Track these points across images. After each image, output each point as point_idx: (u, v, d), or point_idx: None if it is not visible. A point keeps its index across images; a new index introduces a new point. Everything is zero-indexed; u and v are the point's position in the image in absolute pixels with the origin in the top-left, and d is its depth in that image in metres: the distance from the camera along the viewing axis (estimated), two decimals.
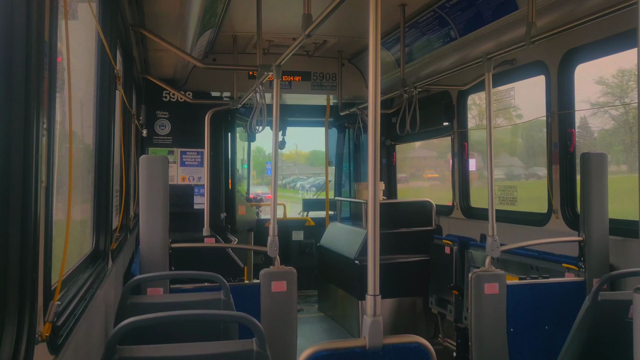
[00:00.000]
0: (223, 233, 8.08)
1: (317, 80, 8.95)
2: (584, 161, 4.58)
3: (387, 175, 9.71)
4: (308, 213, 10.84)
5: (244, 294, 4.43)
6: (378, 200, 2.51)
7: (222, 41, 7.73)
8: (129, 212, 5.76)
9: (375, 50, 2.48)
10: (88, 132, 3.60)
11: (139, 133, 7.56)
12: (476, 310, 4.35)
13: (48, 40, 1.75)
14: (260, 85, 5.94)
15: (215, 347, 2.46)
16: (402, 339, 2.50)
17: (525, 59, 5.84)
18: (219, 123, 8.56)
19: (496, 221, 4.44)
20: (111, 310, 3.64)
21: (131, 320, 2.37)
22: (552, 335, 4.53)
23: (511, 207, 6.52)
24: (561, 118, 5.39)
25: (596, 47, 4.96)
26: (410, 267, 7.08)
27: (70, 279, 2.57)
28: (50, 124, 1.78)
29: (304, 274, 9.68)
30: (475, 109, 7.61)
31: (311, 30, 3.87)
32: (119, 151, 4.72)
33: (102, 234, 3.55)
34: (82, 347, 2.47)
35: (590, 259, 4.53)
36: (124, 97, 4.76)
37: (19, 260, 1.53)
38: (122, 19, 4.41)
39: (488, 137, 4.58)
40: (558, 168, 5.45)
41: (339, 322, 7.81)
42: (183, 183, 8.24)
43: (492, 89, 4.71)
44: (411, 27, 6.95)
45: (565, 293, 4.57)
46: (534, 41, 4.19)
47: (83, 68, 3.39)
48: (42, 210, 1.70)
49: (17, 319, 1.51)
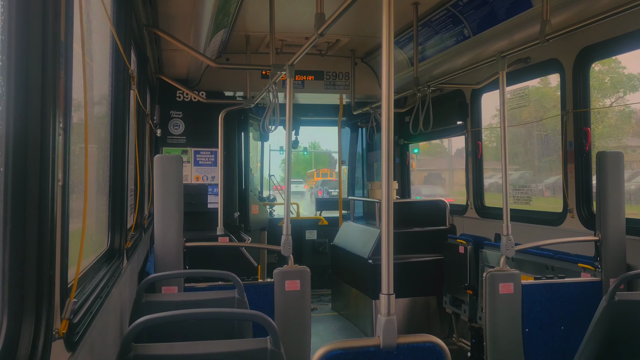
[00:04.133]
0: (237, 232, 8.11)
1: (330, 80, 8.95)
2: (599, 160, 4.53)
3: (401, 175, 9.69)
4: (321, 212, 10.85)
5: (258, 292, 4.45)
6: (392, 200, 2.50)
7: (235, 41, 7.75)
8: (143, 211, 5.80)
9: (388, 49, 2.48)
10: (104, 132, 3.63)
11: (153, 133, 7.61)
12: (491, 310, 4.32)
13: (64, 40, 1.76)
14: (273, 85, 5.95)
15: (229, 345, 2.46)
16: (417, 338, 2.49)
17: (539, 57, 5.79)
18: (232, 123, 8.60)
19: (511, 221, 4.41)
20: (126, 308, 3.66)
21: (146, 318, 2.38)
22: (568, 335, 4.49)
23: (526, 207, 6.47)
24: (576, 116, 5.34)
25: (613, 44, 4.90)
26: (424, 267, 7.05)
27: (86, 277, 2.59)
28: (67, 123, 1.80)
29: (318, 273, 9.73)
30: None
31: (324, 29, 3.87)
32: (134, 151, 4.76)
33: (117, 232, 3.58)
34: (98, 345, 2.49)
35: (606, 258, 4.48)
36: (139, 97, 4.79)
37: (36, 258, 1.55)
38: (136, 20, 4.44)
39: (502, 136, 4.55)
40: (573, 167, 5.39)
41: (353, 321, 7.80)
42: (197, 182, 8.28)
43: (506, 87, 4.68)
44: (424, 25, 6.92)
45: (581, 293, 4.52)
46: (549, 39, 4.15)
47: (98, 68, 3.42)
48: (59, 209, 1.72)
49: (34, 315, 1.53)
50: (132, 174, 4.75)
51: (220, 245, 6.33)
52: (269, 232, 9.56)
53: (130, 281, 4.14)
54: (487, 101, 7.29)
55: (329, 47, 8.42)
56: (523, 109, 6.56)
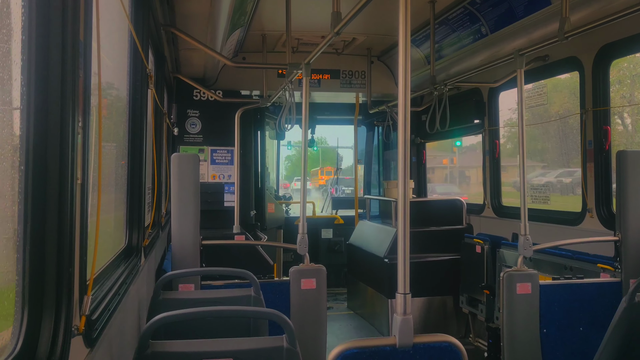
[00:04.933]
0: (253, 230, 8.14)
1: (346, 78, 8.94)
2: (620, 159, 4.46)
3: (417, 174, 9.65)
4: (337, 211, 10.84)
5: (274, 291, 4.46)
6: (408, 198, 2.49)
7: (252, 40, 7.77)
8: (160, 209, 5.84)
9: (405, 47, 2.47)
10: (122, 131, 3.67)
11: (170, 131, 7.67)
12: (508, 311, 4.29)
13: (83, 40, 1.78)
14: (290, 84, 5.96)
15: (245, 343, 2.48)
16: (433, 338, 2.48)
17: (558, 55, 5.73)
18: (248, 121, 8.63)
19: (528, 220, 4.37)
20: (144, 306, 3.70)
21: (163, 315, 2.41)
22: (587, 337, 4.44)
23: (544, 206, 6.41)
24: (595, 115, 5.28)
25: (633, 41, 4.83)
26: (441, 266, 7.02)
27: (104, 274, 2.62)
28: (85, 122, 1.82)
29: (333, 272, 9.74)
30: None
31: (340, 28, 3.87)
32: (151, 149, 4.80)
33: (135, 230, 3.61)
34: (116, 341, 2.52)
35: (626, 259, 4.42)
36: (156, 96, 4.83)
37: (56, 255, 1.57)
38: (154, 19, 4.48)
39: (520, 135, 4.51)
40: (592, 166, 5.33)
41: (368, 320, 7.79)
42: (213, 181, 8.33)
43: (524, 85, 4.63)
44: (441, 23, 6.88)
45: (600, 294, 4.46)
46: (568, 37, 4.10)
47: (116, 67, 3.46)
48: (78, 207, 1.74)
49: (54, 312, 1.55)
50: (150, 173, 4.79)
51: (236, 243, 6.36)
52: (285, 231, 9.58)
53: (147, 278, 4.18)
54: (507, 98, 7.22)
55: (345, 46, 8.41)
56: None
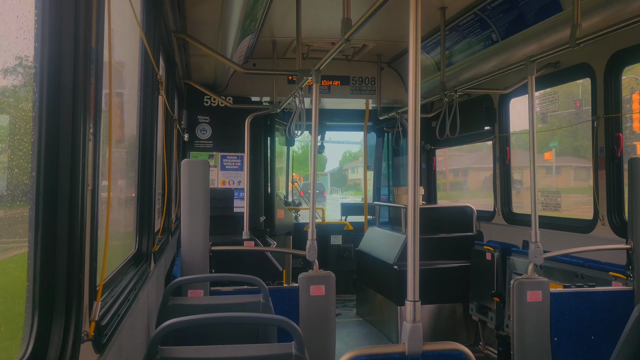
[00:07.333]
0: (262, 236, 8.15)
1: (356, 85, 8.94)
2: (632, 166, 4.43)
3: (427, 180, 9.62)
4: (347, 217, 10.83)
5: (283, 297, 4.45)
6: (418, 205, 2.49)
7: (262, 46, 7.80)
8: (170, 215, 5.86)
9: (415, 53, 2.46)
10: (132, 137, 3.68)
11: (180, 137, 7.70)
12: (518, 318, 4.25)
13: (95, 47, 1.79)
14: (300, 90, 5.97)
15: (254, 350, 2.47)
16: (442, 345, 2.46)
17: (569, 61, 5.70)
18: (258, 127, 8.65)
19: (539, 227, 4.34)
20: (153, 311, 3.70)
21: (173, 321, 2.41)
22: (598, 346, 4.39)
23: (555, 213, 6.36)
24: (607, 122, 5.24)
25: None
26: (451, 273, 6.98)
27: (114, 280, 2.63)
28: (96, 129, 1.83)
29: (343, 279, 9.72)
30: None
31: (350, 34, 3.87)
32: (162, 155, 4.82)
33: (145, 236, 3.62)
34: (126, 347, 2.52)
35: (639, 267, 4.38)
36: (167, 102, 4.86)
37: (66, 261, 1.58)
38: (165, 26, 4.51)
39: (531, 142, 4.48)
40: (604, 173, 5.28)
41: (378, 327, 7.76)
42: (223, 187, 8.35)
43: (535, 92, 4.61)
44: (451, 30, 6.87)
45: (612, 302, 4.42)
46: (580, 43, 4.08)
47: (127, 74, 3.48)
48: (88, 213, 1.75)
49: (64, 317, 1.55)
50: (160, 178, 4.81)
51: (245, 249, 6.37)
52: (294, 237, 9.58)
53: (157, 284, 4.19)
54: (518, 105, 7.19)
55: (355, 52, 8.42)
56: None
